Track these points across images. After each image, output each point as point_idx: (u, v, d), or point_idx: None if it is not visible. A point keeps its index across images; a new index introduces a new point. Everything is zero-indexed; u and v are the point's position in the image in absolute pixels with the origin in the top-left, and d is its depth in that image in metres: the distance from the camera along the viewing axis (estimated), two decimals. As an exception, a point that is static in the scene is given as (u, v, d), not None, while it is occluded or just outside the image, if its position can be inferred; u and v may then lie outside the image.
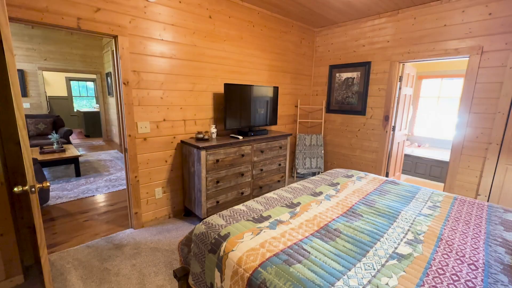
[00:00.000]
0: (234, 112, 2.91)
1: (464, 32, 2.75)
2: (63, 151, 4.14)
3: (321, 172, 4.23)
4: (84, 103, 9.56)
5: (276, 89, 3.36)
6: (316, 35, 4.18)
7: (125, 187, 3.68)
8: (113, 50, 5.87)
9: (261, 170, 3.12)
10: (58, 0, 1.88)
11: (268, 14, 3.37)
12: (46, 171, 4.34)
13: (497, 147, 2.63)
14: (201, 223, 1.54)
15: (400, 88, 3.46)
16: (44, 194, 2.94)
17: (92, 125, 7.63)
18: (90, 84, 9.52)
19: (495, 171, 2.67)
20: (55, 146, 4.16)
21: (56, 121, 5.61)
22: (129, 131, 2.37)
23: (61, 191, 3.47)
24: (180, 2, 2.53)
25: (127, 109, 2.34)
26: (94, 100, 9.58)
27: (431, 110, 5.25)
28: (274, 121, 3.45)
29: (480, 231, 1.52)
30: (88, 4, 2.02)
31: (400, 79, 3.42)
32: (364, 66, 3.62)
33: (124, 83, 2.28)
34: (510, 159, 2.57)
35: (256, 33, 3.30)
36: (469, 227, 1.57)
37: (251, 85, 3.03)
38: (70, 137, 6.32)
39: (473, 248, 1.34)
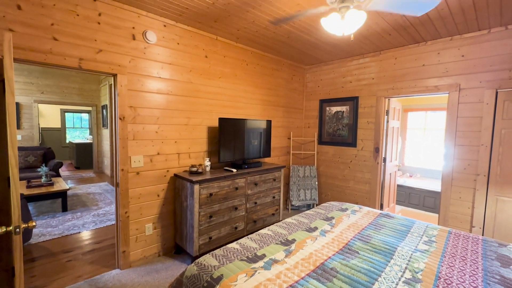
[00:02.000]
0: (228, 145, 2.95)
1: (441, 71, 2.98)
2: (51, 184, 4.01)
3: (316, 204, 4.18)
4: (77, 134, 9.53)
5: (269, 122, 3.46)
6: (306, 72, 4.44)
7: (113, 222, 3.53)
8: (110, 84, 6.03)
9: (255, 203, 3.07)
10: (62, 43, 1.99)
11: (260, 53, 3.61)
12: (31, 206, 4.15)
13: (485, 179, 2.69)
14: (192, 264, 1.48)
15: (387, 121, 3.61)
16: (26, 232, 2.78)
17: (83, 156, 7.53)
18: (85, 116, 9.59)
19: (486, 202, 2.70)
20: (43, 180, 4.04)
21: (47, 153, 5.52)
22: (122, 166, 2.36)
23: (45, 228, 3.30)
24: (178, 43, 2.70)
25: (121, 143, 2.35)
26: (88, 131, 9.58)
27: (419, 141, 5.43)
28: (267, 153, 3.49)
29: (478, 268, 1.50)
30: (91, 46, 2.13)
31: (387, 112, 3.59)
32: (353, 101, 3.81)
33: (120, 118, 2.32)
34: (499, 190, 2.63)
35: (250, 71, 3.49)
36: (466, 263, 1.55)
37: (245, 119, 3.12)
38: (59, 169, 6.18)
39: (472, 287, 1.31)
